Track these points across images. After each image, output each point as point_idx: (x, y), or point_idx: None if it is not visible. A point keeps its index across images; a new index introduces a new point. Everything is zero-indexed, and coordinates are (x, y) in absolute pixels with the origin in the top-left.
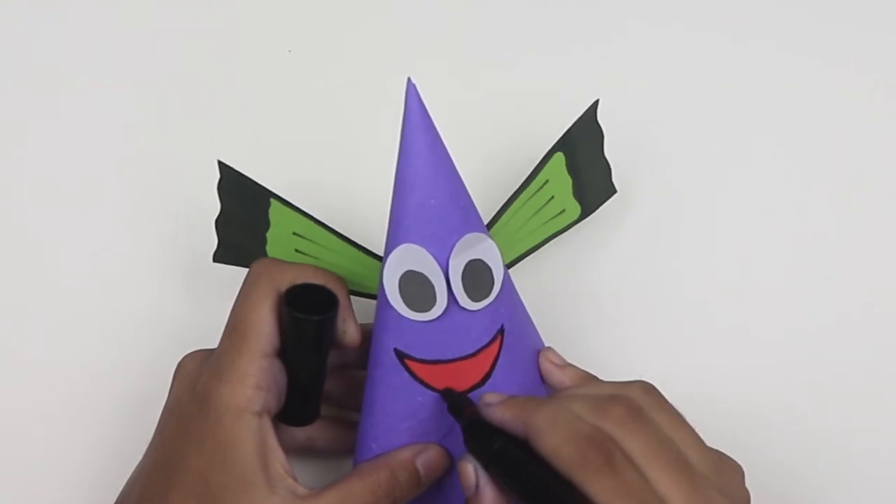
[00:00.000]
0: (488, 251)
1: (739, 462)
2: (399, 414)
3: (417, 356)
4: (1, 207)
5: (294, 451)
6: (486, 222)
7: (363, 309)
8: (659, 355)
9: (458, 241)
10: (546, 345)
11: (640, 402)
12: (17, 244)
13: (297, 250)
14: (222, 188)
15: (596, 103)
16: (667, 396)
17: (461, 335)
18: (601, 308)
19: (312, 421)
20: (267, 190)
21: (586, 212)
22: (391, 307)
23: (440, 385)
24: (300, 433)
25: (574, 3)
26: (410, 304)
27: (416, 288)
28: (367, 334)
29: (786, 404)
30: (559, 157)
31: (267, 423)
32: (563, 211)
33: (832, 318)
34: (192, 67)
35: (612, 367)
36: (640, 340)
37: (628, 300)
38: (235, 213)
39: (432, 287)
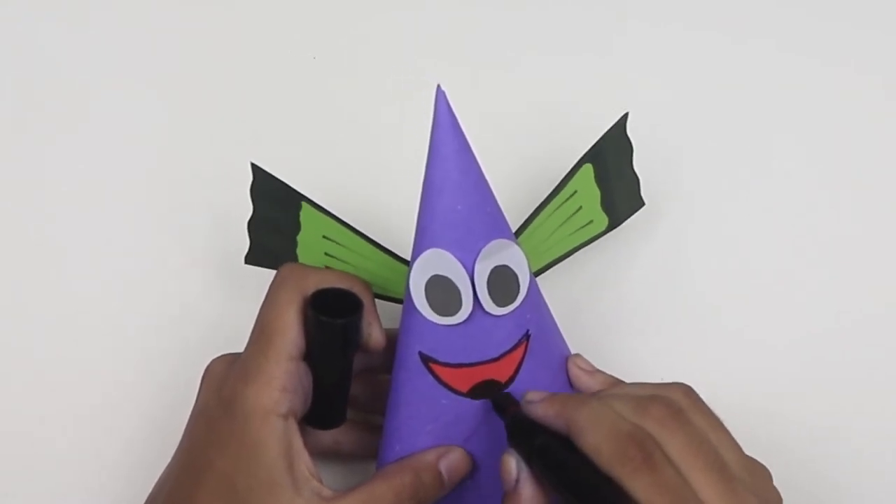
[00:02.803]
0: (514, 257)
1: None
2: (423, 417)
3: (442, 360)
4: (28, 211)
5: (320, 454)
6: (514, 230)
7: (389, 313)
8: (683, 362)
9: (484, 246)
10: (573, 352)
11: (680, 403)
12: (46, 248)
13: (326, 253)
14: (255, 190)
15: (625, 117)
16: None
17: (486, 339)
18: (626, 316)
19: (339, 424)
20: (298, 193)
21: (614, 224)
22: (417, 311)
23: (464, 388)
24: (326, 437)
25: (600, 10)
26: (436, 308)
27: (441, 292)
28: (393, 338)
29: (814, 411)
30: (588, 168)
31: (293, 426)
32: (591, 222)
33: (865, 323)
34: (220, 73)
35: (637, 373)
36: (665, 348)
37: (653, 308)
38: (267, 215)
39: (458, 291)
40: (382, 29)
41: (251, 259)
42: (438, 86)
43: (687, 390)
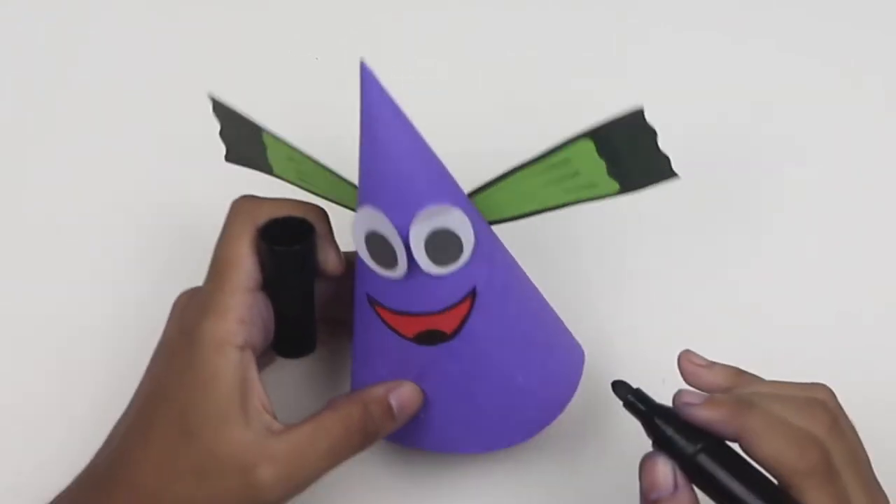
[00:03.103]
0: (455, 220)
1: None
2: (376, 352)
3: (386, 304)
4: (11, 210)
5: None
6: (479, 186)
7: None
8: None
9: (420, 210)
10: (544, 294)
11: (833, 407)
12: (29, 244)
13: (296, 170)
14: (217, 113)
15: (641, 112)
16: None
17: (426, 294)
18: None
19: (309, 352)
20: (256, 123)
21: (628, 188)
22: (360, 258)
23: (409, 334)
24: None
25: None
26: (376, 260)
27: (379, 247)
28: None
29: None
30: (587, 143)
31: (249, 357)
32: (595, 185)
33: (852, 321)
34: (220, 73)
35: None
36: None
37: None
38: (234, 134)
39: (393, 250)
40: (384, 29)
41: (230, 157)
42: (361, 61)
43: (832, 394)
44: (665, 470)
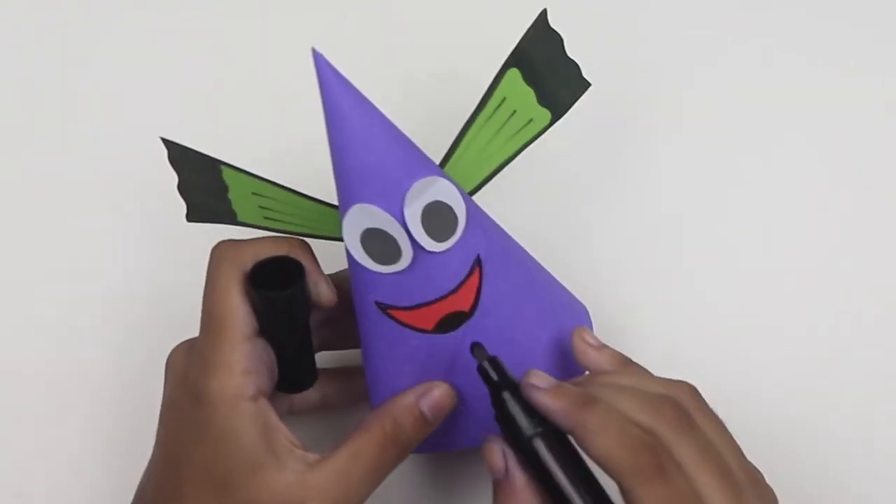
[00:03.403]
0: (443, 190)
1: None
2: (397, 359)
3: (399, 304)
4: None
5: (312, 411)
6: (443, 155)
7: (336, 253)
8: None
9: (407, 190)
10: (534, 255)
11: (689, 404)
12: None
13: (260, 206)
14: (173, 160)
15: (544, 12)
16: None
17: (438, 275)
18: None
19: (311, 384)
20: (214, 159)
21: (558, 114)
22: (360, 265)
23: (429, 326)
24: (312, 395)
25: None
26: (378, 259)
27: (378, 243)
28: (345, 282)
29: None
30: (513, 73)
31: (264, 404)
32: (531, 120)
33: (851, 321)
34: (222, 73)
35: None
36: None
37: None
38: (193, 179)
39: (394, 240)
40: (381, 26)
41: (192, 217)
42: (314, 49)
43: (693, 390)
44: (495, 453)
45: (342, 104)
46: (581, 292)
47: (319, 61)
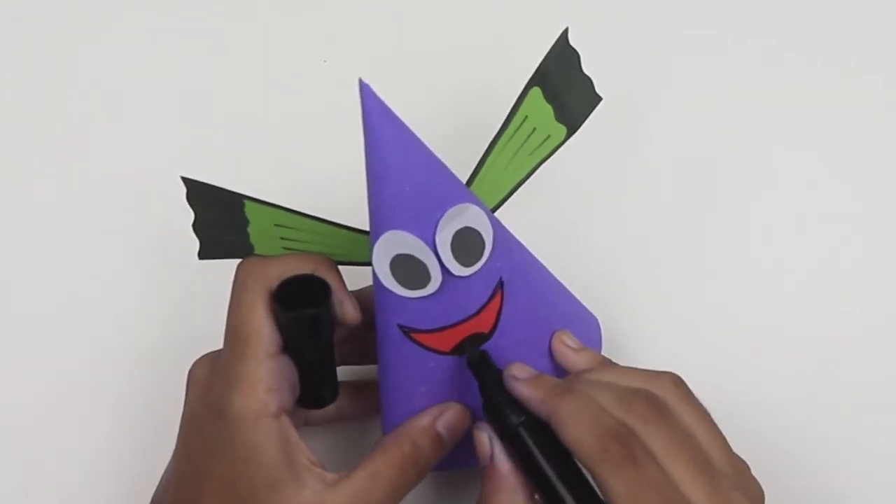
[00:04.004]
0: (473, 217)
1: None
2: (414, 380)
3: (422, 327)
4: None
5: (328, 423)
6: (471, 172)
7: (361, 274)
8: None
9: (440, 217)
10: (551, 270)
11: (666, 396)
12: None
13: (281, 237)
14: (191, 200)
15: (566, 31)
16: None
17: (462, 299)
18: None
19: (332, 401)
20: (238, 193)
21: (572, 129)
22: (387, 289)
23: (447, 348)
24: (330, 407)
25: None
26: (405, 284)
27: (407, 269)
28: (367, 298)
29: (800, 405)
30: (535, 91)
31: (285, 422)
32: (549, 137)
33: (852, 322)
34: (230, 76)
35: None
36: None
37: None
38: (210, 217)
39: (424, 266)
40: (392, 32)
41: (204, 254)
42: (360, 80)
43: (676, 381)
44: (482, 440)
45: (384, 134)
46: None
47: (366, 92)
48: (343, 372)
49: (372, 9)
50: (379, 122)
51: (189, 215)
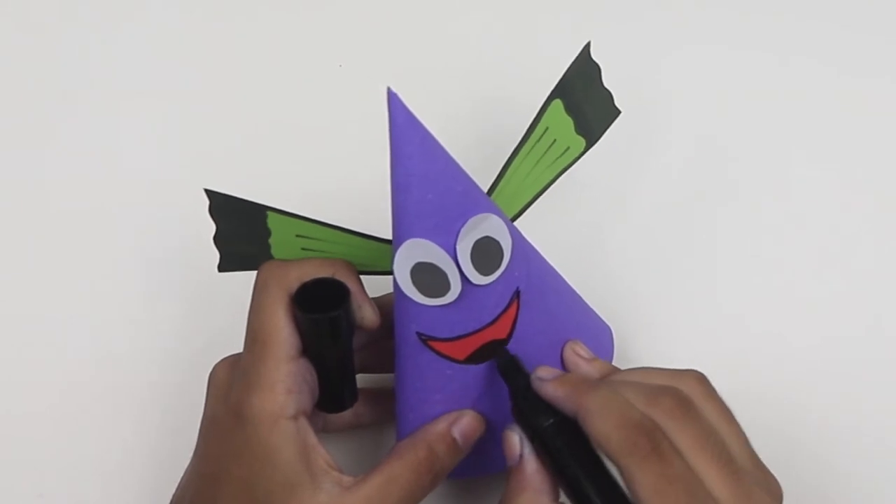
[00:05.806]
0: (493, 226)
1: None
2: (430, 387)
3: (440, 336)
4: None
5: (344, 429)
6: (491, 181)
7: (381, 282)
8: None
9: (461, 226)
10: (567, 279)
11: (691, 393)
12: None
13: (303, 248)
14: (214, 212)
15: (588, 44)
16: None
17: (479, 308)
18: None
19: (351, 405)
20: (260, 205)
21: (591, 141)
22: (407, 296)
23: (463, 356)
24: (347, 413)
25: None
26: (425, 292)
27: (428, 277)
28: (387, 306)
29: (815, 405)
30: (557, 103)
31: (304, 424)
32: (568, 148)
33: (864, 325)
34: (244, 79)
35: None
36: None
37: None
38: (233, 229)
39: (444, 274)
40: (408, 36)
41: (224, 266)
42: (389, 88)
43: (700, 378)
44: (512, 440)
45: (410, 143)
46: (603, 311)
47: (393, 100)
48: (361, 379)
49: (400, 17)
50: (405, 131)
51: (209, 220)
